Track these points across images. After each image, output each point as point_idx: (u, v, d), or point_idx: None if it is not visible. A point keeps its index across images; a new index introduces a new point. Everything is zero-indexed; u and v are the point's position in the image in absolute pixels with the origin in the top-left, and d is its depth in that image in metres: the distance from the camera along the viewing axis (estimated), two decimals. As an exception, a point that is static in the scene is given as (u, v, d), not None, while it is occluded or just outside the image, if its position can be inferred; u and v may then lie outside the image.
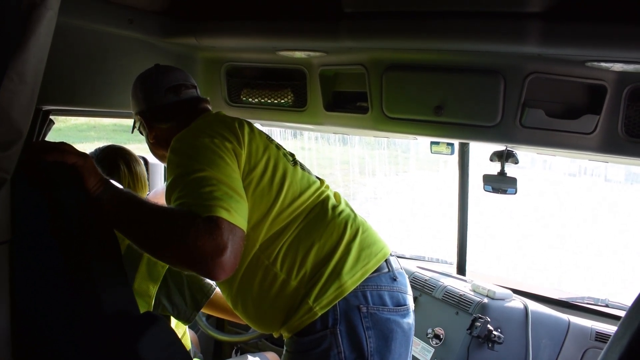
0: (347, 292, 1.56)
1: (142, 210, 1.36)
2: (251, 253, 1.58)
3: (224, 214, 1.31)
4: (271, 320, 1.61)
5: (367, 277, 1.60)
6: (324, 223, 1.63)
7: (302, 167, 1.75)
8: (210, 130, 1.54)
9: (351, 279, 1.57)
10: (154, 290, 1.80)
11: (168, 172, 1.49)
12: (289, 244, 1.59)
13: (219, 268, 1.26)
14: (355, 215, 1.72)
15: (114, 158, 1.92)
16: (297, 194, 1.63)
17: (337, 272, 1.57)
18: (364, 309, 1.57)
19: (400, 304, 1.65)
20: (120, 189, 1.39)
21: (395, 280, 1.66)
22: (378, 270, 1.63)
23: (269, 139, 1.70)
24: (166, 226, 1.29)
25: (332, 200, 1.71)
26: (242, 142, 1.55)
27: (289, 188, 1.61)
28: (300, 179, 1.67)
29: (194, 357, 2.41)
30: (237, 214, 1.34)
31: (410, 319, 1.69)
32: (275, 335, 1.69)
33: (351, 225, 1.66)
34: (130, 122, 1.93)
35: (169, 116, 1.76)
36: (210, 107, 1.84)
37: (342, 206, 1.72)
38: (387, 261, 1.68)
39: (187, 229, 1.26)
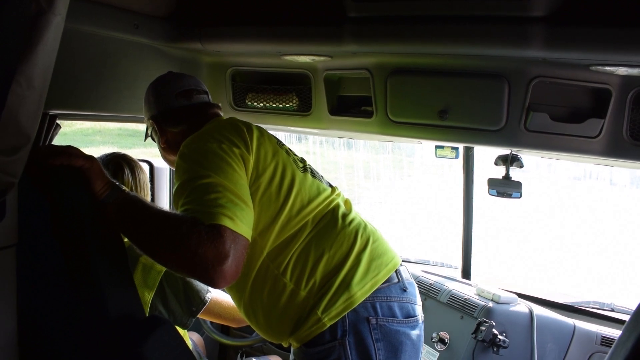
0: (357, 304, 1.54)
1: (147, 214, 1.36)
2: (259, 261, 1.57)
3: (227, 222, 1.30)
4: (280, 329, 1.61)
5: (377, 288, 1.58)
6: (334, 233, 1.61)
7: (313, 174, 1.73)
8: (218, 135, 1.53)
9: (361, 290, 1.56)
10: (149, 296, 1.80)
11: (176, 177, 1.49)
12: (298, 254, 1.57)
13: (219, 276, 1.26)
14: (365, 224, 1.70)
15: (119, 163, 1.93)
16: (305, 202, 1.61)
17: (347, 283, 1.55)
18: (373, 321, 1.55)
19: (410, 315, 1.63)
20: (127, 192, 1.39)
21: (405, 291, 1.64)
22: (388, 280, 1.62)
23: (279, 144, 1.69)
24: (169, 232, 1.29)
25: (343, 209, 1.69)
26: (250, 147, 1.55)
27: (297, 195, 1.60)
28: (310, 186, 1.65)
29: (200, 359, 2.41)
30: (241, 222, 1.34)
31: (420, 330, 1.67)
32: (285, 344, 1.68)
33: (361, 235, 1.64)
34: (135, 126, 1.94)
35: (180, 120, 1.77)
36: (221, 113, 1.85)
37: (353, 215, 1.70)
38: (397, 271, 1.66)
39: (189, 236, 1.25)
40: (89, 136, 10.90)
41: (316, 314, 1.53)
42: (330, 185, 1.78)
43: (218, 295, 1.99)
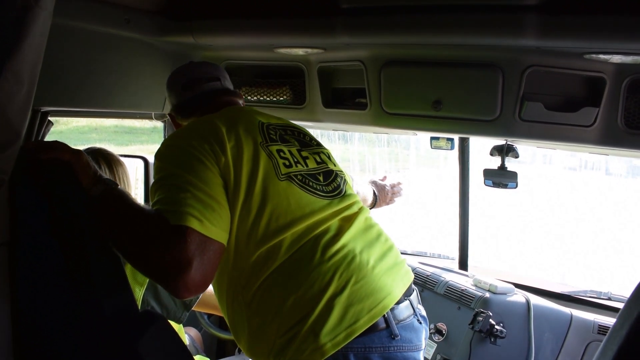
0: (326, 356, 1.33)
1: (126, 210, 1.31)
2: (228, 281, 1.45)
3: (194, 224, 1.23)
4: (258, 354, 1.46)
5: (354, 339, 1.35)
6: (306, 270, 1.38)
7: (306, 182, 1.52)
8: (194, 134, 1.46)
9: (331, 342, 1.33)
10: (140, 292, 1.79)
11: (153, 176, 1.44)
12: (264, 288, 1.39)
13: (181, 286, 1.19)
14: (353, 256, 1.43)
15: (95, 158, 1.88)
16: (276, 225, 1.41)
17: (315, 332, 1.33)
18: None
19: None
20: (114, 187, 1.37)
21: (394, 338, 1.39)
22: (370, 329, 1.37)
23: (263, 144, 1.51)
24: (138, 229, 1.26)
25: (330, 235, 1.45)
26: (225, 148, 1.42)
27: (270, 220, 1.40)
28: (288, 202, 1.44)
29: (197, 355, 2.41)
30: (212, 224, 1.27)
31: None
32: None
33: (340, 275, 1.38)
34: (132, 123, 1.94)
35: (188, 113, 1.74)
36: (238, 100, 1.78)
37: (341, 244, 1.44)
38: (387, 315, 1.40)
39: (154, 237, 1.22)
40: (84, 134, 10.89)
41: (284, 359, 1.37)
42: (341, 193, 1.56)
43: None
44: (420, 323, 1.52)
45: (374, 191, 2.28)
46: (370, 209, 2.21)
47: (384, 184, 2.33)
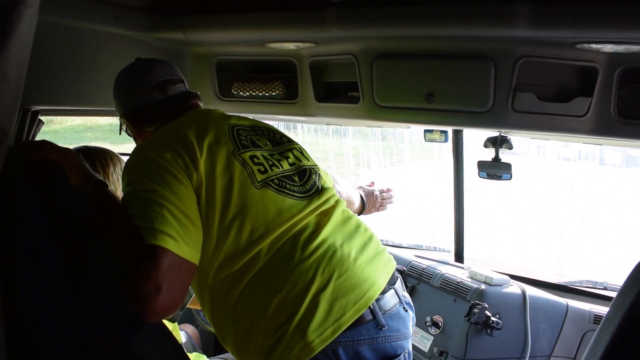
0: (315, 352, 1.32)
1: (109, 217, 1.30)
2: (208, 291, 1.44)
3: (169, 244, 1.22)
4: (247, 356, 1.45)
5: (342, 333, 1.35)
6: (288, 268, 1.38)
7: (282, 184, 1.51)
8: (166, 146, 1.41)
9: (319, 338, 1.33)
10: None
11: (122, 188, 1.40)
12: (247, 291, 1.39)
13: (150, 310, 1.17)
14: (334, 250, 1.43)
15: (86, 157, 1.86)
16: (258, 234, 1.40)
17: (302, 330, 1.33)
18: None
19: (388, 355, 1.41)
20: (102, 189, 1.35)
21: (381, 328, 1.40)
22: (357, 321, 1.37)
23: (235, 153, 1.49)
24: (116, 241, 1.24)
25: (309, 231, 1.45)
26: (197, 161, 1.41)
27: (243, 223, 1.40)
28: (266, 208, 1.43)
29: (194, 352, 2.41)
30: (186, 243, 1.26)
31: None
32: None
33: (323, 270, 1.38)
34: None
35: (156, 117, 1.64)
36: (200, 103, 1.73)
37: (321, 239, 1.44)
38: (372, 306, 1.40)
39: (128, 253, 1.21)
40: (79, 133, 10.85)
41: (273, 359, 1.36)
42: (317, 190, 1.56)
43: None
44: (407, 311, 1.52)
45: (361, 196, 2.25)
46: (358, 214, 2.21)
47: (372, 190, 2.30)
